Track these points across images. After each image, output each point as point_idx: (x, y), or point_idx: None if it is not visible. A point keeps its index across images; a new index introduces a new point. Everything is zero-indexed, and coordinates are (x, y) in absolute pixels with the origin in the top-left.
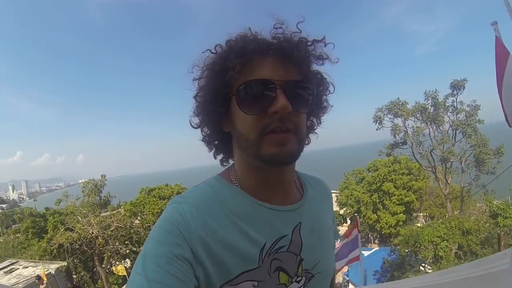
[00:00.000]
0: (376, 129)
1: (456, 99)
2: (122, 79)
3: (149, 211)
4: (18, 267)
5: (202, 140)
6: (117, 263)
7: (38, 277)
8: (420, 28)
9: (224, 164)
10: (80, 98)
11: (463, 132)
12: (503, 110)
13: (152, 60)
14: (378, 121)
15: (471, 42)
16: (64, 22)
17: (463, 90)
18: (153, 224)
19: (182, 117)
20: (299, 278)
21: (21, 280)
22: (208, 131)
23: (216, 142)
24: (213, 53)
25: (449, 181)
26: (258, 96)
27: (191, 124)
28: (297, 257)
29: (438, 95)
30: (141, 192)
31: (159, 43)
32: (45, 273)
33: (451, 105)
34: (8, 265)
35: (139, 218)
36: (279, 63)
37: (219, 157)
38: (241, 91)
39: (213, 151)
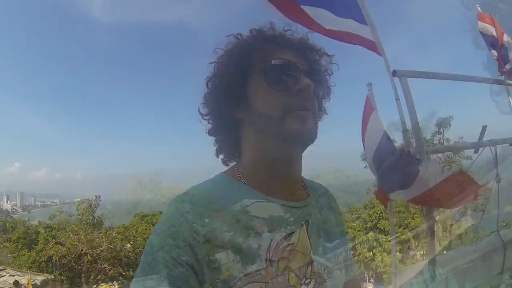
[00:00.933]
0: (364, 167)
1: (443, 136)
2: (126, 99)
3: (141, 235)
4: (4, 274)
5: (208, 133)
6: (103, 284)
7: (16, 282)
8: (418, 63)
9: (228, 163)
10: (86, 116)
11: (450, 169)
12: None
13: (154, 80)
14: (366, 159)
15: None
16: (74, 41)
17: (449, 127)
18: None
19: (183, 140)
20: (308, 281)
21: (6, 286)
22: (217, 121)
23: (223, 134)
24: (237, 38)
25: (437, 219)
26: (285, 75)
27: (200, 112)
28: (305, 257)
29: (423, 133)
30: (134, 216)
31: (164, 65)
32: (32, 283)
33: (438, 143)
34: None
35: (131, 242)
36: (297, 54)
37: (221, 156)
38: (270, 67)
39: (216, 147)
